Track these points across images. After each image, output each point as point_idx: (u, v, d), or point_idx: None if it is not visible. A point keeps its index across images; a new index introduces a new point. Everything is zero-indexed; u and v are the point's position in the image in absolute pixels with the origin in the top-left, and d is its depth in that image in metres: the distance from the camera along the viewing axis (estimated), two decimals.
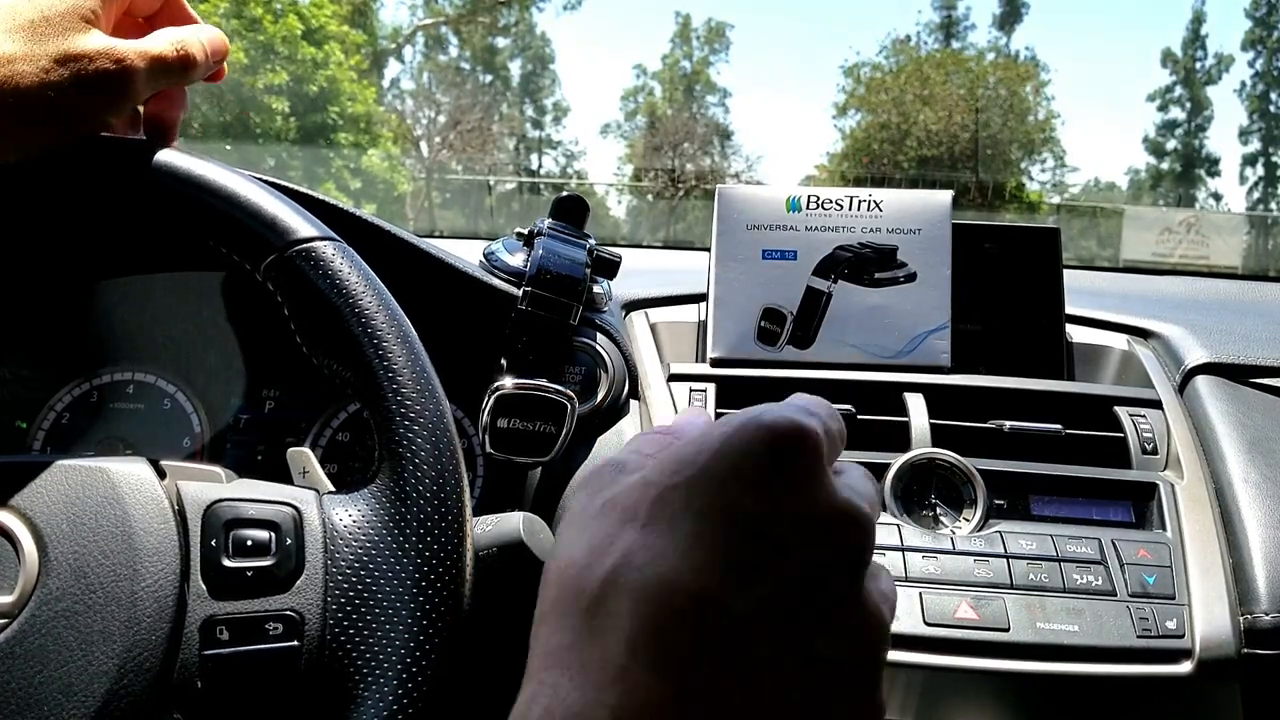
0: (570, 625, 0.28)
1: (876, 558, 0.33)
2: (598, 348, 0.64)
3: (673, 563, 0.28)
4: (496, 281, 0.63)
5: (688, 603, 0.27)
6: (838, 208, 0.72)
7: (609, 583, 0.28)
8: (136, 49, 0.44)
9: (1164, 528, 0.57)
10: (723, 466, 0.29)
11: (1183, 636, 0.51)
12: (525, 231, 0.67)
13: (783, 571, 0.28)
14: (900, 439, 0.61)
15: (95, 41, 0.43)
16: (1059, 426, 0.63)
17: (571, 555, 0.30)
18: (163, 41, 0.46)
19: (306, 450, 0.47)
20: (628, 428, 0.63)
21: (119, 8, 0.46)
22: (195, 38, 0.47)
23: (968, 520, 0.57)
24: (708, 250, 0.75)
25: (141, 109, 0.49)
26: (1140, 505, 0.59)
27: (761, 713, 0.27)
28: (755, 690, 0.27)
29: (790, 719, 0.27)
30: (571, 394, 0.60)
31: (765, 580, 0.28)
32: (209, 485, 0.42)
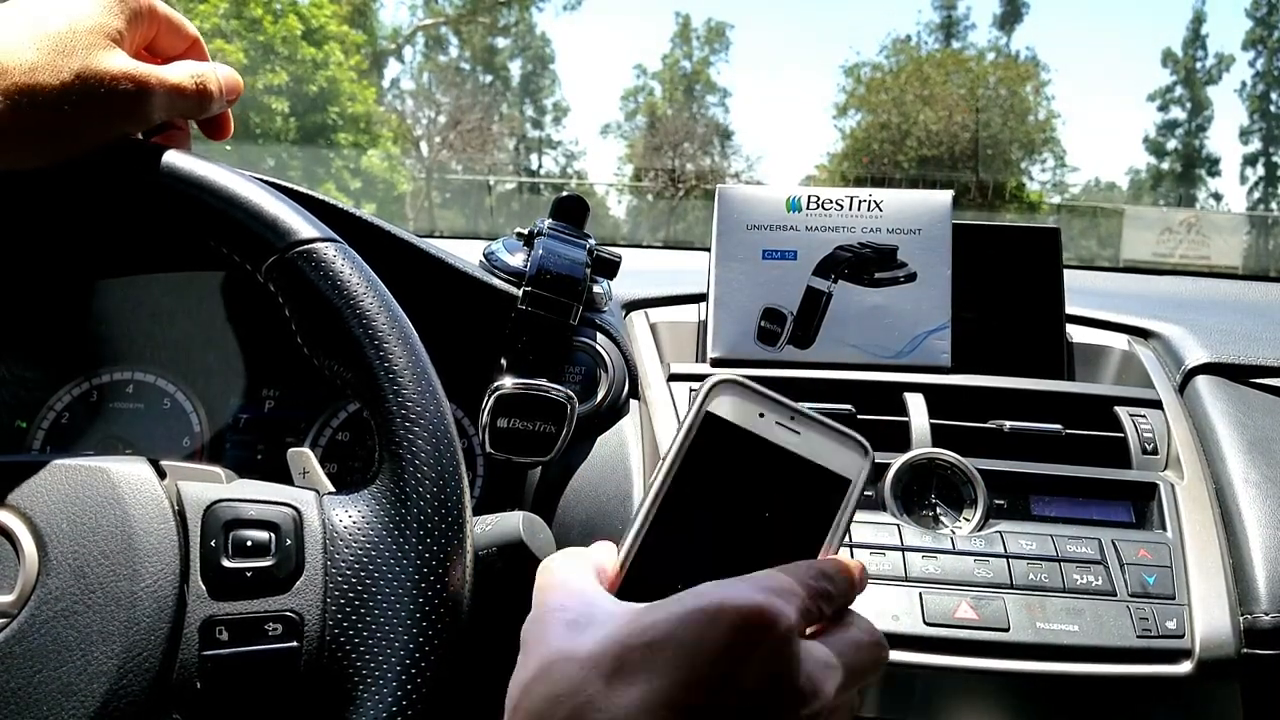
0: None
1: (877, 558, 0.37)
2: (598, 348, 0.64)
3: (636, 717, 0.31)
4: (496, 281, 0.63)
5: None
6: (838, 208, 0.72)
7: None
8: (157, 74, 0.45)
9: (1164, 528, 0.57)
10: (689, 638, 0.32)
11: (1183, 636, 0.51)
12: (525, 231, 0.67)
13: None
14: (900, 439, 0.61)
15: (118, 61, 0.43)
16: (1059, 426, 0.63)
17: (533, 700, 0.33)
18: (182, 72, 0.47)
19: (306, 450, 0.47)
20: (628, 428, 0.63)
21: (144, 32, 0.47)
22: (213, 73, 0.48)
23: (968, 520, 0.57)
24: (708, 250, 0.75)
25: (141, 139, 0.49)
26: (1140, 505, 0.59)
27: None
28: None
29: None
30: (571, 394, 0.60)
31: None
32: (209, 485, 0.42)
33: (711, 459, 0.41)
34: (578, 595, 0.36)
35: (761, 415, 0.42)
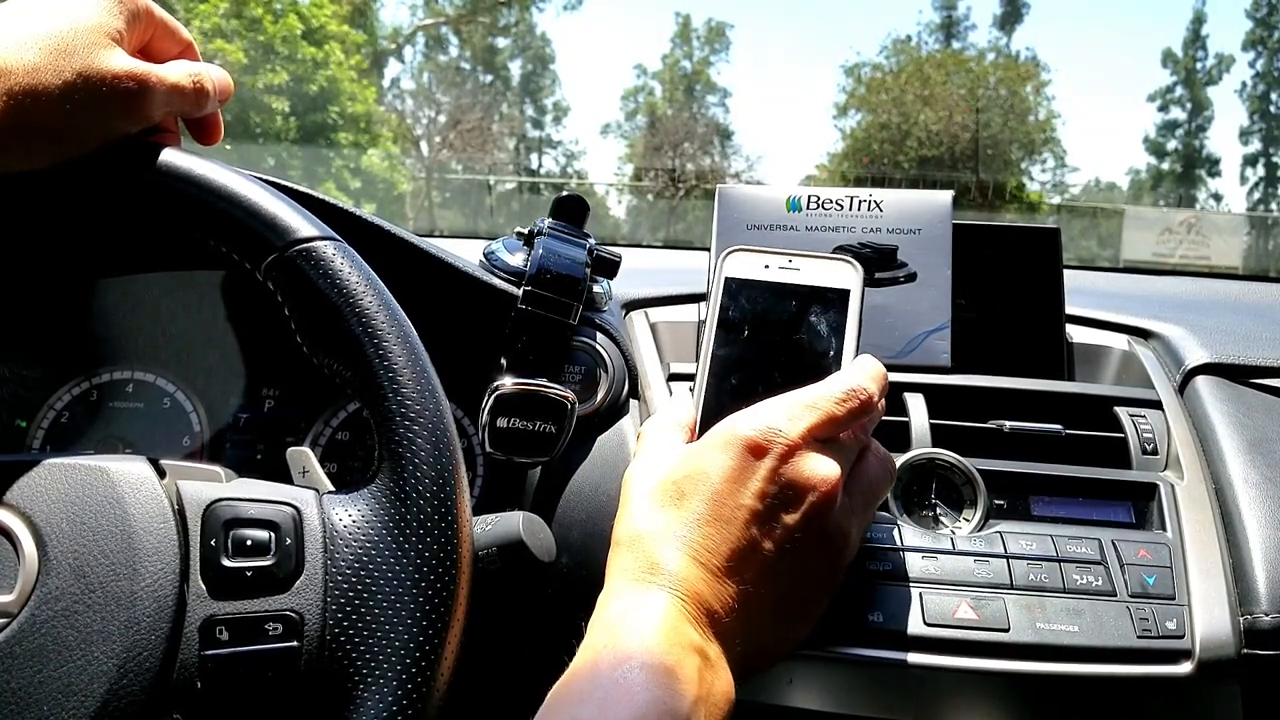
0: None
1: (877, 558, 0.53)
2: (598, 347, 0.64)
3: (667, 530, 0.45)
4: (496, 281, 0.63)
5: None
6: (838, 208, 0.72)
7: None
8: (157, 73, 0.45)
9: (1164, 528, 0.57)
10: (710, 466, 0.45)
11: (1183, 637, 0.51)
12: (525, 231, 0.67)
13: (773, 524, 0.44)
14: (900, 439, 0.61)
15: (118, 61, 0.44)
16: (1059, 427, 0.63)
17: (617, 532, 0.47)
18: (180, 71, 0.47)
19: (306, 450, 0.47)
20: (628, 427, 0.63)
21: (141, 33, 0.48)
22: (208, 73, 0.49)
23: (968, 520, 0.57)
24: (708, 250, 0.75)
25: None
26: (1140, 505, 0.59)
27: (782, 585, 0.45)
28: (782, 580, 0.45)
29: (791, 584, 0.45)
30: (571, 393, 0.60)
31: (770, 532, 0.44)
32: (209, 485, 0.42)
33: (740, 310, 0.52)
34: (654, 447, 0.49)
35: (766, 266, 0.52)
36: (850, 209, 0.72)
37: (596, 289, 0.67)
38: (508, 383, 0.59)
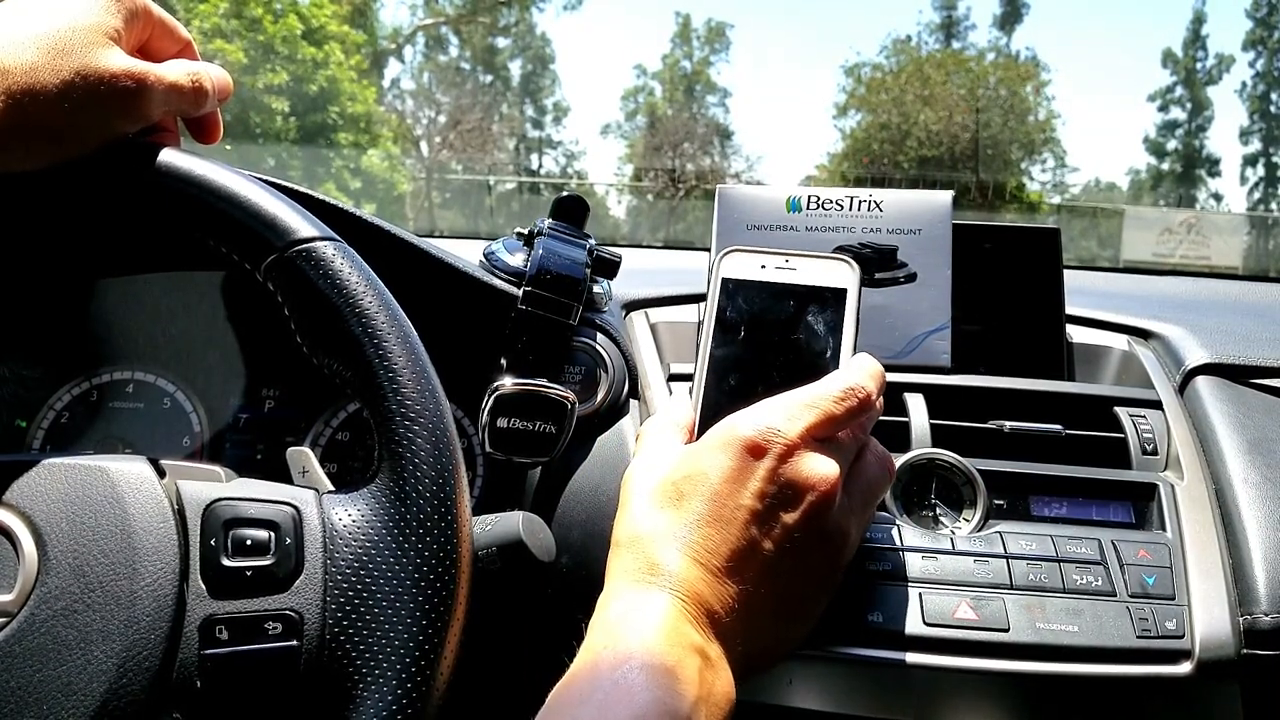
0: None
1: (876, 558, 0.53)
2: (598, 347, 0.64)
3: (668, 531, 0.45)
4: (496, 281, 0.63)
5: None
6: (838, 208, 0.72)
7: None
8: (155, 72, 0.45)
9: (1164, 528, 0.57)
10: (709, 466, 0.45)
11: (1182, 637, 0.51)
12: (525, 231, 0.67)
13: (772, 524, 0.44)
14: (900, 439, 0.61)
15: (117, 60, 0.44)
16: (1059, 427, 0.63)
17: (617, 531, 0.47)
18: (179, 70, 0.47)
19: (306, 450, 0.47)
20: (628, 427, 0.63)
21: (139, 32, 0.48)
22: (207, 72, 0.49)
23: (968, 520, 0.57)
24: (708, 250, 0.75)
25: None
26: (1140, 506, 0.59)
27: (781, 584, 0.45)
28: (782, 580, 0.45)
29: (791, 584, 0.45)
30: (571, 394, 0.60)
31: (769, 532, 0.44)
32: (208, 484, 0.42)
33: (738, 311, 0.52)
34: (653, 448, 0.49)
35: (763, 266, 0.53)
36: (850, 209, 0.72)
37: (596, 289, 0.67)
38: (508, 383, 0.59)
